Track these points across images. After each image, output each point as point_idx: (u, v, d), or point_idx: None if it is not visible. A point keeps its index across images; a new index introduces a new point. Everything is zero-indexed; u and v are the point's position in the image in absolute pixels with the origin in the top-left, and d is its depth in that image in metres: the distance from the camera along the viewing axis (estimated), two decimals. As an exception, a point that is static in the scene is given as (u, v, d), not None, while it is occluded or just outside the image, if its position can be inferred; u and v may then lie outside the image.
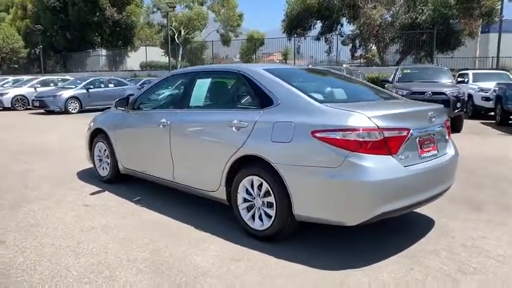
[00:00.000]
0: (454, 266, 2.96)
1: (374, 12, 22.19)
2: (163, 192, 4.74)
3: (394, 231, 3.61)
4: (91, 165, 5.64)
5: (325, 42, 28.48)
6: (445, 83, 11.48)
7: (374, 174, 2.82)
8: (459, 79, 14.17)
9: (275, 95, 3.38)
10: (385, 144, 2.89)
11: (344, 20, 26.59)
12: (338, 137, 2.87)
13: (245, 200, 3.50)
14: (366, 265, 2.95)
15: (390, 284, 2.71)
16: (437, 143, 3.41)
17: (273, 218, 3.24)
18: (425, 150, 3.23)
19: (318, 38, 28.63)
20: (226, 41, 34.01)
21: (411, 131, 3.07)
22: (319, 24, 27.09)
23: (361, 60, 26.36)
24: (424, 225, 3.78)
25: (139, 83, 21.25)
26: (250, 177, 3.40)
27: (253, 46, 31.37)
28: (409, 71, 12.68)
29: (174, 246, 3.32)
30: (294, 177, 3.06)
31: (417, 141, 3.16)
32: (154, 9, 34.98)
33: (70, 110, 16.19)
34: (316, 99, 3.24)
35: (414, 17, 23.18)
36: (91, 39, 34.76)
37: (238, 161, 3.47)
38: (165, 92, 5.12)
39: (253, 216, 3.44)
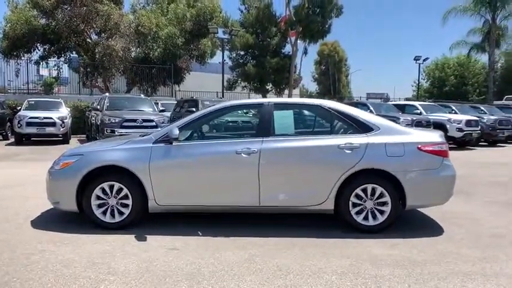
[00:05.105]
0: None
1: (113, 43, 22.62)
2: (196, 220, 4.87)
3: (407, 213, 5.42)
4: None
5: (46, 66, 26.21)
6: (150, 111, 13.99)
7: (454, 170, 4.63)
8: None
9: (373, 123, 4.59)
10: (447, 152, 4.73)
11: (72, 46, 25.37)
12: (436, 148, 4.51)
13: (354, 205, 4.48)
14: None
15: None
16: None
17: (388, 213, 4.45)
18: None
19: (37, 62, 25.97)
20: None
21: (445, 144, 5.05)
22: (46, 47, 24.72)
23: (92, 88, 25.79)
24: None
25: None
26: (364, 186, 4.45)
27: None
28: (116, 100, 14.34)
29: (360, 250, 4.00)
30: (408, 179, 4.42)
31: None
32: None
33: None
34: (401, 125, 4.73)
35: (147, 52, 25.24)
36: None
37: (351, 175, 4.43)
38: (222, 123, 4.95)
39: (364, 217, 4.48)
